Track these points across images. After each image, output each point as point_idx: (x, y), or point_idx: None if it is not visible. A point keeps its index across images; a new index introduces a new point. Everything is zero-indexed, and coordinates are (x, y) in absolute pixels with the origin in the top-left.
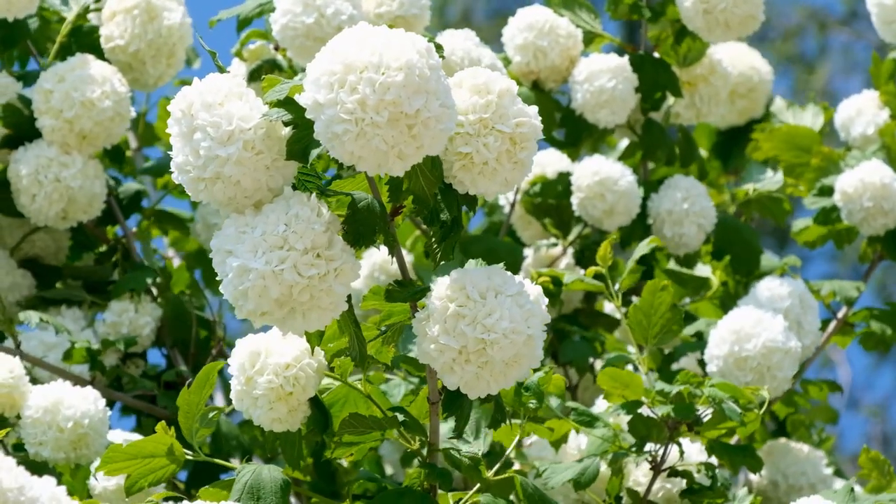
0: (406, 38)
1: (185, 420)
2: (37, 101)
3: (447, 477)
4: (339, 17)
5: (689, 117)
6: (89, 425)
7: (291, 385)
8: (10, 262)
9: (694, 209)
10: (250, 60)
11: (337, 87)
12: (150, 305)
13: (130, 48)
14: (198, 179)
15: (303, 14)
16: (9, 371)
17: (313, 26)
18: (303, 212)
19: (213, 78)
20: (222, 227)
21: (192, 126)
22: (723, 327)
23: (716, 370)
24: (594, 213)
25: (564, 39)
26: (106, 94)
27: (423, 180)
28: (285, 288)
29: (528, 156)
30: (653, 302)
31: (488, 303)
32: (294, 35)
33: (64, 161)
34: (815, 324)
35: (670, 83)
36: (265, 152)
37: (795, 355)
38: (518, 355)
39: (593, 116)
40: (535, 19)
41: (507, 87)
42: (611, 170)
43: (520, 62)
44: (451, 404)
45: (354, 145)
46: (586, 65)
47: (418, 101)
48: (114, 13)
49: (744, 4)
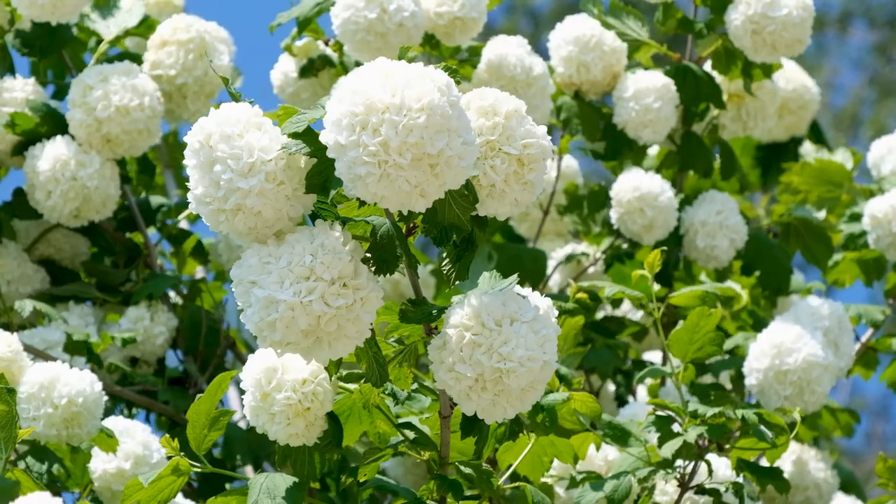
0: (426, 76)
1: (193, 431)
2: (73, 93)
3: (458, 488)
4: (402, 13)
5: (735, 130)
6: (83, 404)
7: (309, 401)
8: (22, 255)
9: (727, 223)
10: (300, 56)
11: (359, 129)
12: (165, 315)
13: (178, 80)
14: (218, 211)
15: (365, 9)
16: (7, 345)
17: (375, 21)
18: (328, 241)
19: (231, 108)
20: (243, 257)
21: (212, 158)
22: (763, 341)
23: (755, 383)
24: (633, 227)
25: (609, 55)
26: (143, 107)
27: (456, 208)
28: (313, 319)
29: (537, 176)
30: (698, 323)
31: (504, 331)
32: (355, 29)
33: (82, 160)
34: (851, 347)
35: (713, 95)
36: (286, 183)
37: (833, 372)
38: (534, 381)
39: (635, 133)
40: (581, 33)
41: (515, 108)
42: (651, 185)
43: (563, 73)
44: (470, 428)
45: (378, 186)
46: (633, 82)
47: (441, 142)
48: (165, 42)
49: (793, 28)
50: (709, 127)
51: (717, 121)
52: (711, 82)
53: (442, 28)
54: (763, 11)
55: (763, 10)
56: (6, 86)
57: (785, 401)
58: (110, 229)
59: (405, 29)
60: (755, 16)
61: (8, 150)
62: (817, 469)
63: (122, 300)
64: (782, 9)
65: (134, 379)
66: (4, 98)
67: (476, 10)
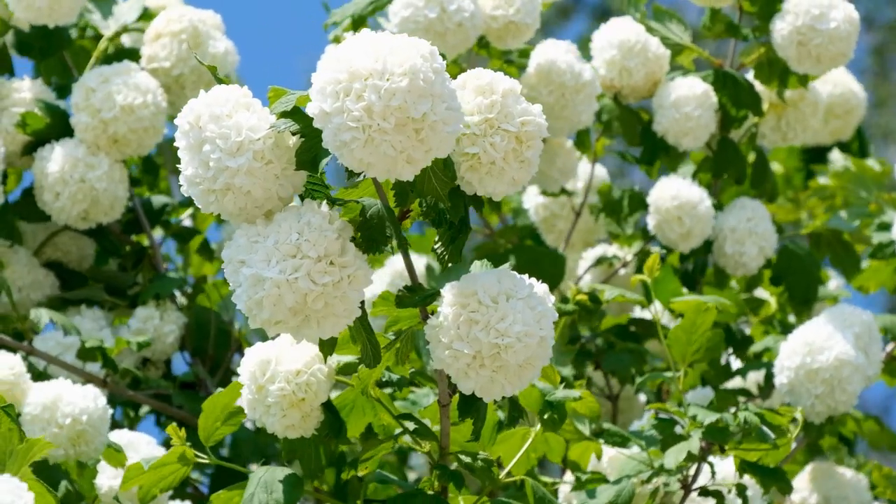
0: (409, 43)
1: (206, 421)
2: (76, 97)
3: (459, 478)
4: (462, 13)
5: (775, 140)
6: (88, 422)
7: (303, 391)
8: (33, 261)
9: (757, 230)
10: None
11: (342, 95)
12: (175, 314)
13: (174, 71)
14: (208, 191)
15: (426, 7)
16: (9, 368)
17: (435, 21)
18: (315, 219)
19: (220, 89)
20: (233, 237)
21: (201, 138)
22: (794, 340)
23: (786, 381)
24: (671, 235)
25: (652, 62)
26: (146, 104)
27: (436, 182)
28: (300, 296)
29: (534, 154)
30: (695, 321)
31: (500, 307)
32: (415, 28)
33: (91, 162)
34: (879, 355)
35: (753, 103)
36: (275, 162)
37: (864, 373)
38: (532, 357)
39: (675, 141)
40: (626, 37)
41: (511, 86)
42: (690, 194)
43: (604, 76)
44: (468, 408)
45: (363, 152)
46: (673, 89)
47: (424, 105)
48: (159, 34)
49: (839, 42)
50: (747, 134)
51: (755, 129)
52: (751, 90)
53: (495, 31)
54: (811, 24)
55: (811, 22)
56: (14, 86)
57: (816, 399)
58: (117, 231)
59: (464, 29)
60: (803, 27)
61: (18, 151)
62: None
63: (131, 303)
64: (830, 22)
65: (148, 383)
66: (14, 98)
67: (531, 16)
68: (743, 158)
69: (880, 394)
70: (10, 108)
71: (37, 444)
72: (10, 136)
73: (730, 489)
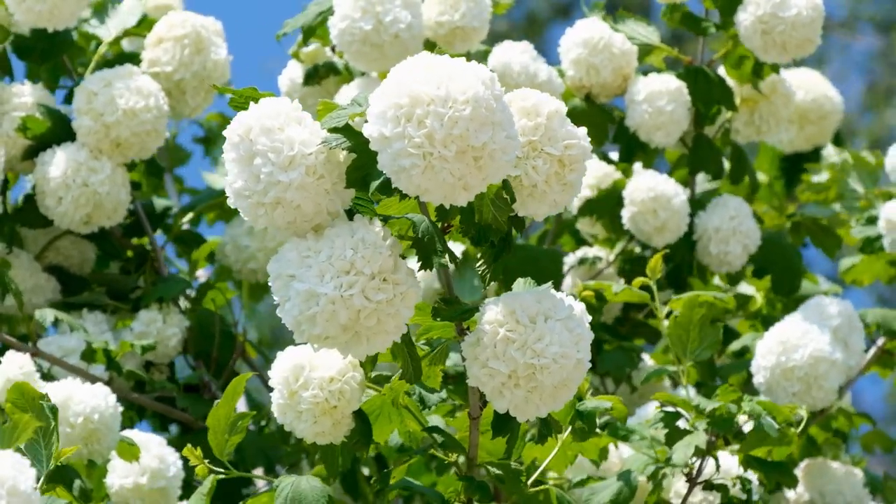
0: (470, 69)
1: (214, 437)
2: (78, 101)
3: (486, 490)
4: (397, 24)
5: (748, 135)
6: (99, 421)
7: (336, 399)
8: (34, 265)
9: (741, 229)
10: (307, 62)
11: (404, 121)
12: (177, 317)
13: (175, 76)
14: (258, 205)
15: (361, 20)
16: (19, 367)
17: (371, 33)
18: (369, 236)
19: (270, 102)
20: (281, 251)
21: (252, 151)
22: (770, 339)
23: (762, 381)
24: (645, 228)
25: (618, 58)
26: (149, 107)
27: (495, 210)
28: (353, 313)
29: (577, 178)
30: (691, 317)
31: (538, 327)
32: (351, 40)
33: (93, 166)
34: (861, 345)
35: (724, 97)
36: (326, 177)
37: (841, 367)
38: (567, 379)
39: (647, 136)
40: (590, 35)
41: (556, 108)
42: (665, 187)
43: (573, 76)
44: (502, 427)
45: (422, 178)
46: (645, 84)
47: (485, 135)
48: (161, 39)
49: (803, 28)
50: (721, 130)
51: (729, 125)
52: (723, 85)
53: (442, 37)
54: (773, 11)
55: (772, 10)
56: (15, 90)
57: (793, 397)
58: (118, 235)
59: (401, 40)
60: (765, 16)
61: (18, 156)
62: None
63: (133, 307)
64: (792, 8)
65: (153, 386)
66: (14, 103)
67: (478, 20)
68: (719, 153)
69: (879, 397)
70: (10, 112)
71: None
72: (11, 141)
73: (734, 482)
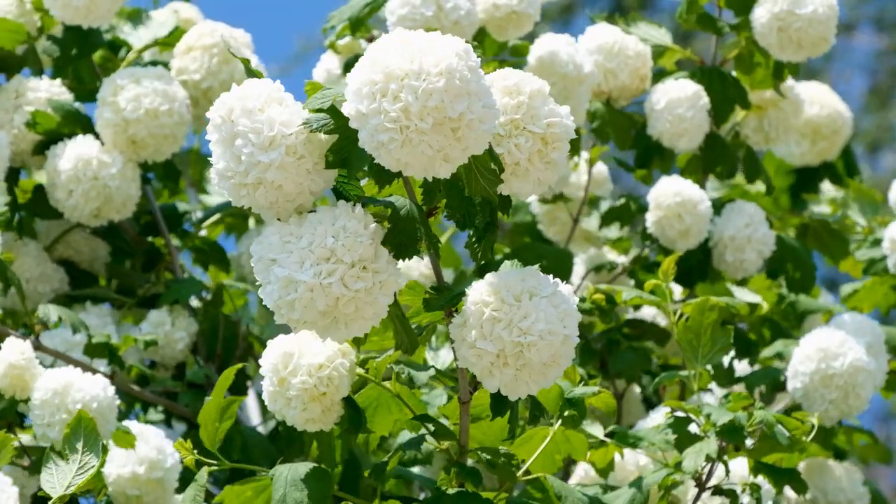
0: (443, 41)
1: (205, 430)
2: (104, 92)
3: (477, 476)
4: (458, 11)
5: (757, 141)
6: (97, 409)
7: (325, 385)
8: (42, 254)
9: (756, 236)
10: (344, 53)
11: (379, 96)
12: (186, 320)
13: (203, 84)
14: (240, 185)
15: (422, 6)
16: (20, 352)
17: (431, 19)
18: (350, 224)
19: (252, 83)
20: (263, 233)
21: (233, 132)
22: (808, 345)
23: (800, 385)
24: (670, 233)
25: (633, 60)
26: (172, 112)
27: (483, 181)
28: (331, 300)
29: (559, 156)
30: (701, 321)
31: (523, 305)
32: (412, 26)
33: (104, 160)
34: (885, 367)
35: (739, 96)
36: (307, 157)
37: (876, 378)
38: (555, 356)
39: (671, 143)
40: (603, 41)
41: (539, 87)
42: (692, 192)
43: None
44: (499, 407)
45: (401, 152)
46: (664, 92)
47: (461, 105)
48: (190, 48)
49: (819, 25)
50: (731, 132)
51: (739, 128)
52: (738, 84)
53: (497, 20)
54: (789, 8)
55: (789, 6)
56: (31, 85)
57: (830, 405)
58: (132, 232)
59: (460, 27)
60: (781, 13)
61: (29, 150)
62: None
63: (139, 303)
64: (808, 6)
65: (155, 381)
66: (28, 97)
67: (532, 7)
68: (732, 152)
69: (877, 403)
70: (23, 106)
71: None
72: (23, 135)
73: (743, 488)
